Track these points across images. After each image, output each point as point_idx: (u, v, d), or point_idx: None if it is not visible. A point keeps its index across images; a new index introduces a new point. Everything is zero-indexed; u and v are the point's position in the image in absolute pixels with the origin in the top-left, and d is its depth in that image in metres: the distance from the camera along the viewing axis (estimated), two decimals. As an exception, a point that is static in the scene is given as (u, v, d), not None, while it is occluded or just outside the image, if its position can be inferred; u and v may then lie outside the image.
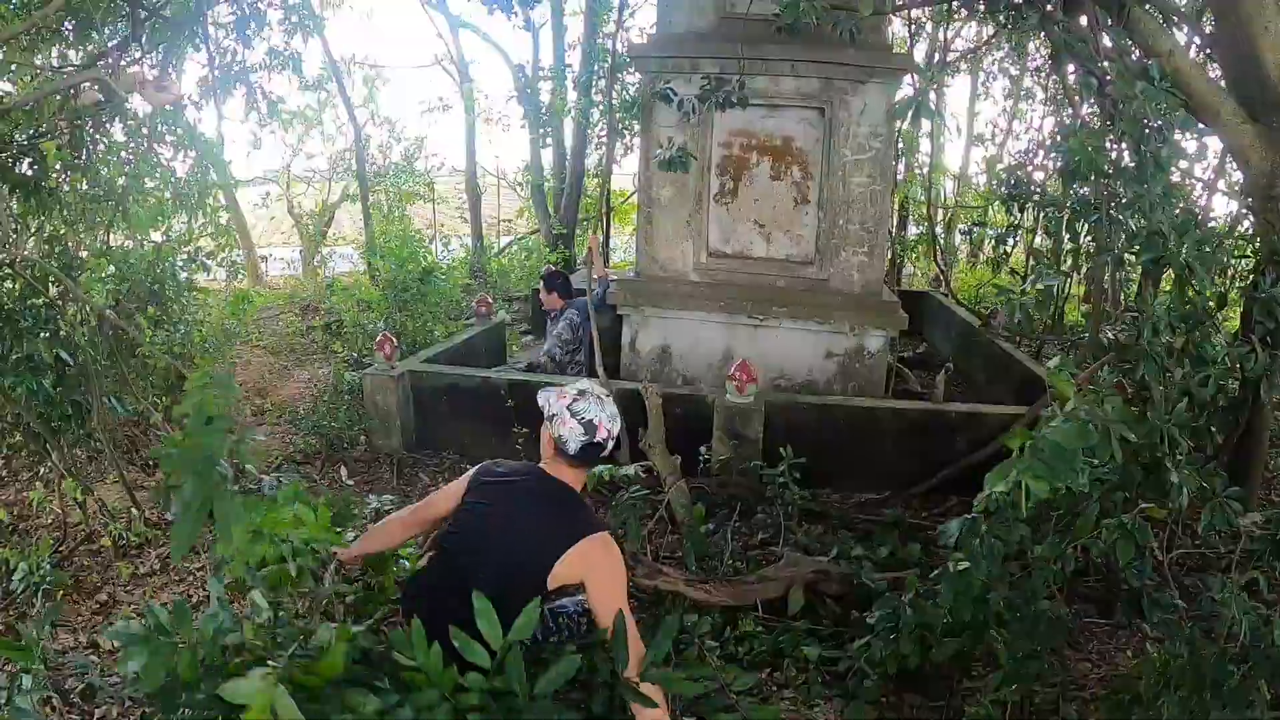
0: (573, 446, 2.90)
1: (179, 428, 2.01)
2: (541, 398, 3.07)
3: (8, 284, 5.51)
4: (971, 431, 5.60)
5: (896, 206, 12.72)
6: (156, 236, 9.01)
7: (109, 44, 9.04)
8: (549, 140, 14.36)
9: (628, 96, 11.00)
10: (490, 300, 9.07)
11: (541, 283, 7.71)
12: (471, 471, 3.20)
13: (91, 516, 5.88)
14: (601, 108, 12.14)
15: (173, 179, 10.60)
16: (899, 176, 12.53)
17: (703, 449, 5.49)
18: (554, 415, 2.95)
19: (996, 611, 3.02)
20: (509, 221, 17.79)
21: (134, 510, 5.79)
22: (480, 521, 2.99)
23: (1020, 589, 3.05)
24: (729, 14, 6.32)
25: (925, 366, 7.97)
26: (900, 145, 11.85)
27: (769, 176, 6.61)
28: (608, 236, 13.68)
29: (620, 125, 11.39)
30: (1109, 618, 4.10)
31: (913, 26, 11.24)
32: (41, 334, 5.36)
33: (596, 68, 11.81)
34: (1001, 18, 5.72)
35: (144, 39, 9.33)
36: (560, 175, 13.84)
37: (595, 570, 2.80)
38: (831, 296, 6.56)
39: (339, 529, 2.95)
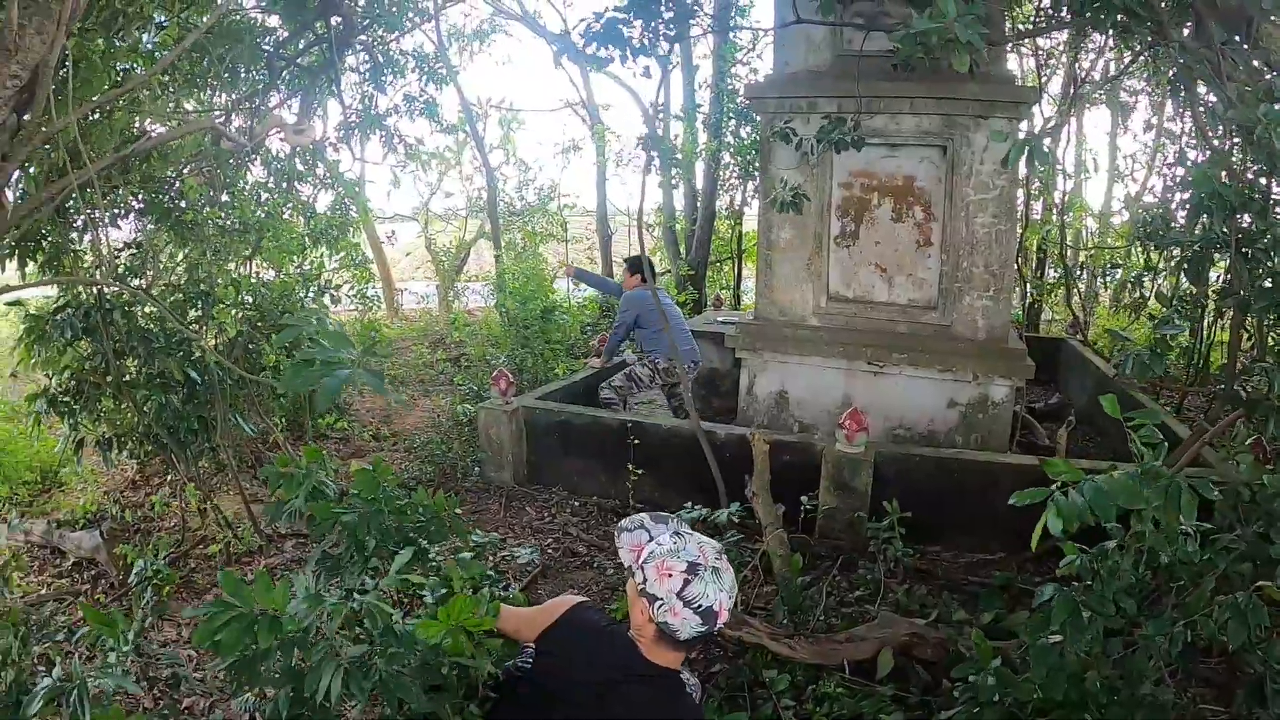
0: (684, 635, 2.26)
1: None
2: (629, 554, 2.42)
3: (148, 307, 5.77)
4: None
5: (1035, 248, 12.18)
6: (293, 269, 9.34)
7: (248, 89, 9.49)
8: (680, 181, 14.38)
9: (756, 137, 10.89)
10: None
11: (626, 265, 7.74)
12: (563, 610, 2.63)
13: (209, 524, 6.30)
14: (732, 149, 12.09)
15: (311, 215, 11.02)
16: (1036, 215, 12.03)
17: (805, 498, 5.27)
18: (658, 600, 2.26)
19: (1094, 692, 2.73)
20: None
21: (248, 521, 6.15)
22: (566, 687, 2.47)
23: (1124, 668, 2.75)
24: (845, 52, 6.16)
25: (1057, 418, 7.52)
26: (1037, 183, 11.38)
27: (890, 218, 6.39)
28: (739, 278, 13.57)
29: (751, 166, 11.31)
30: (1228, 705, 3.69)
31: (1041, 57, 10.82)
32: (176, 354, 5.64)
33: (726, 109, 11.78)
34: (1116, 36, 5.37)
35: (282, 85, 9.76)
36: (691, 216, 13.81)
37: None
38: (954, 343, 6.27)
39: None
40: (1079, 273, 12.84)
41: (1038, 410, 8.10)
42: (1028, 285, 11.97)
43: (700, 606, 2.23)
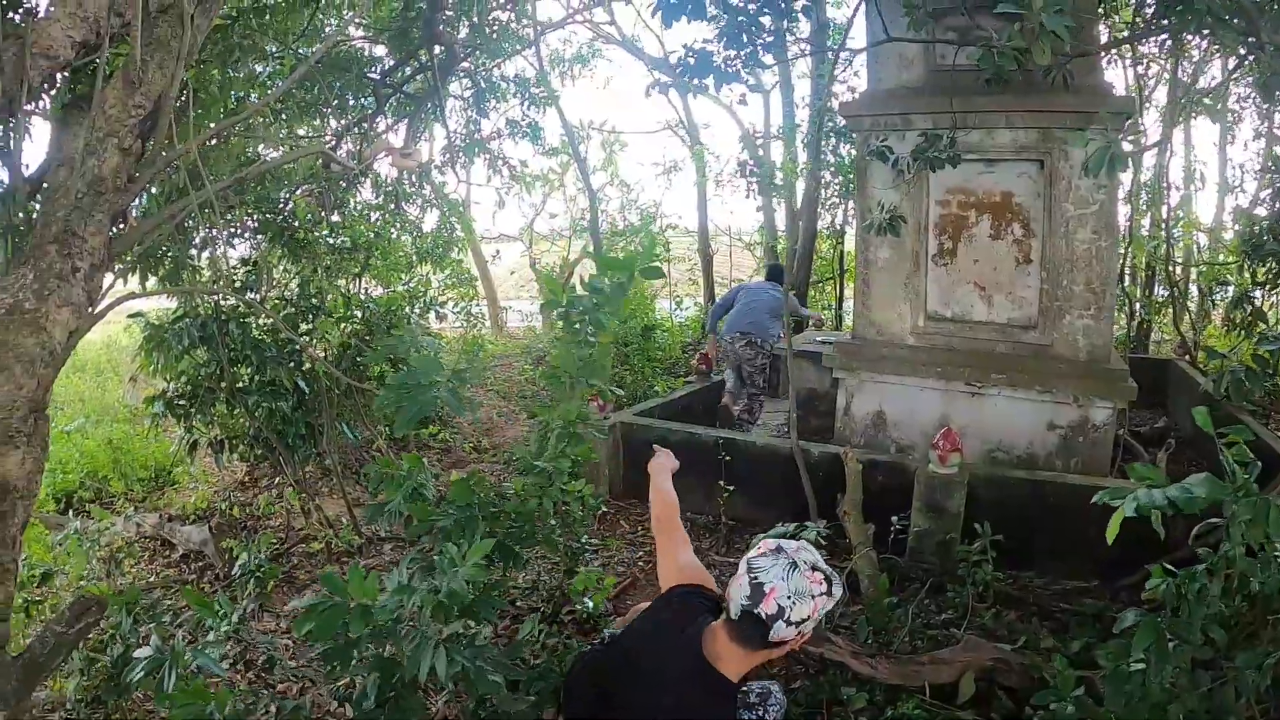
0: (733, 608, 2.31)
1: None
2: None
3: (261, 319, 6.03)
4: (1196, 517, 4.99)
5: (1143, 265, 11.75)
6: (401, 286, 9.62)
7: (356, 115, 9.82)
8: (781, 201, 14.32)
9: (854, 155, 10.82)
10: (711, 358, 9.05)
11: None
12: (665, 588, 2.81)
13: (312, 524, 6.61)
14: (832, 167, 12.00)
15: (417, 234, 11.32)
16: (1144, 231, 11.62)
17: (895, 519, 5.19)
18: (738, 568, 2.38)
19: (1177, 725, 2.62)
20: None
21: (349, 523, 6.42)
22: (635, 656, 2.62)
23: (1211, 702, 2.63)
24: (938, 66, 6.08)
25: (1162, 443, 7.24)
26: (1146, 197, 11.00)
27: (988, 235, 6.25)
28: (840, 298, 13.43)
29: (850, 185, 11.22)
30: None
31: (1142, 66, 10.48)
32: (286, 363, 5.90)
33: (824, 127, 11.71)
34: (1212, 41, 5.16)
35: (389, 112, 10.08)
36: (793, 236, 13.73)
37: None
38: (1054, 363, 6.09)
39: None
40: (1189, 291, 12.31)
41: (1142, 434, 7.81)
42: (1135, 305, 11.56)
43: (755, 579, 2.27)
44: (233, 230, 7.39)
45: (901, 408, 6.65)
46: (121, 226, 3.92)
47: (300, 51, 9.01)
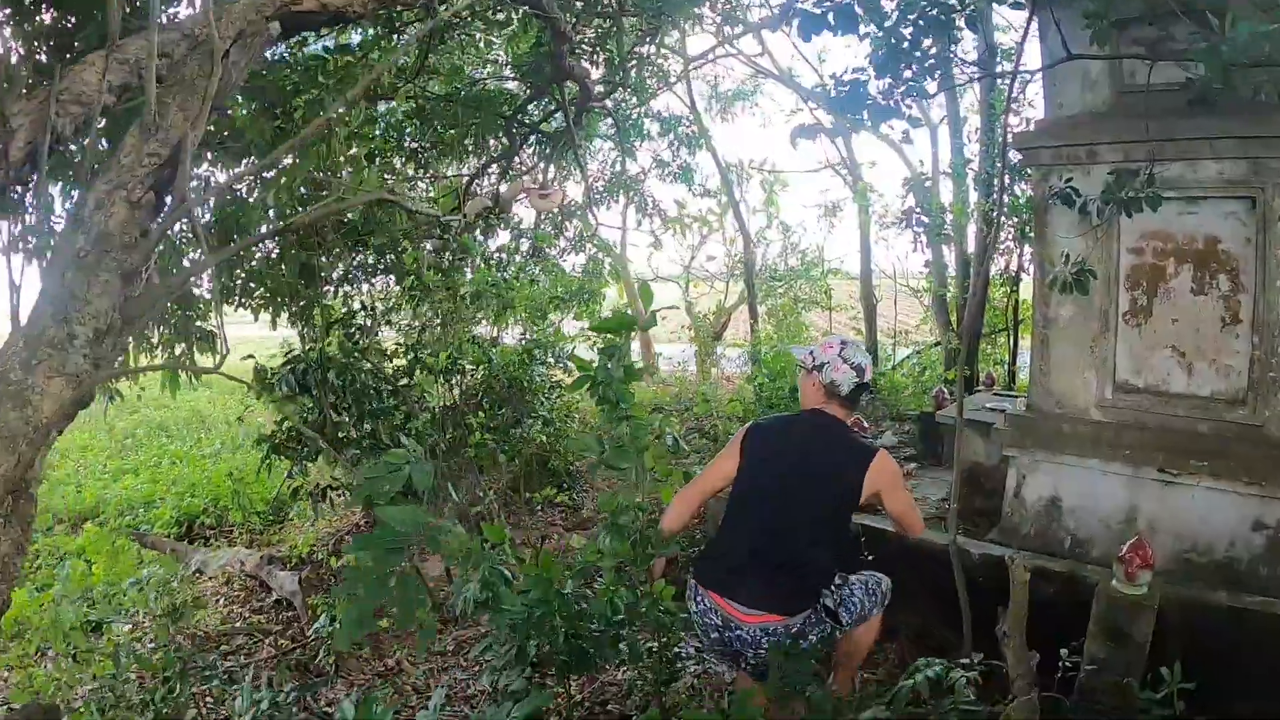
0: (845, 388, 3.52)
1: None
2: (801, 353, 3.73)
3: (366, 362, 6.07)
4: None
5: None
6: (544, 330, 9.34)
7: (495, 154, 9.49)
8: (953, 244, 13.16)
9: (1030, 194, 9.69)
10: (865, 423, 8.16)
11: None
12: (740, 436, 3.68)
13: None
14: (1006, 208, 10.86)
15: (560, 277, 10.89)
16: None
17: (1064, 651, 4.17)
18: (824, 364, 3.53)
19: None
20: (908, 333, 16.58)
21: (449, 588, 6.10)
22: (779, 464, 3.50)
23: None
24: (1128, 87, 5.06)
25: None
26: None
27: (1189, 290, 5.18)
28: (1014, 352, 12.15)
29: (1026, 227, 10.09)
30: None
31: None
32: (391, 416, 5.74)
33: (997, 163, 10.58)
34: None
35: (524, 152, 9.71)
36: (963, 282, 12.54)
37: (891, 480, 3.63)
38: (1266, 449, 4.93)
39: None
40: None
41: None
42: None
43: (854, 363, 3.50)
44: (358, 272, 7.22)
45: (1080, 494, 5.61)
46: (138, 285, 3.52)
47: (428, 89, 8.78)
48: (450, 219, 7.13)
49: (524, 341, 7.90)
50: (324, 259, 6.23)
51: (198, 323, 5.74)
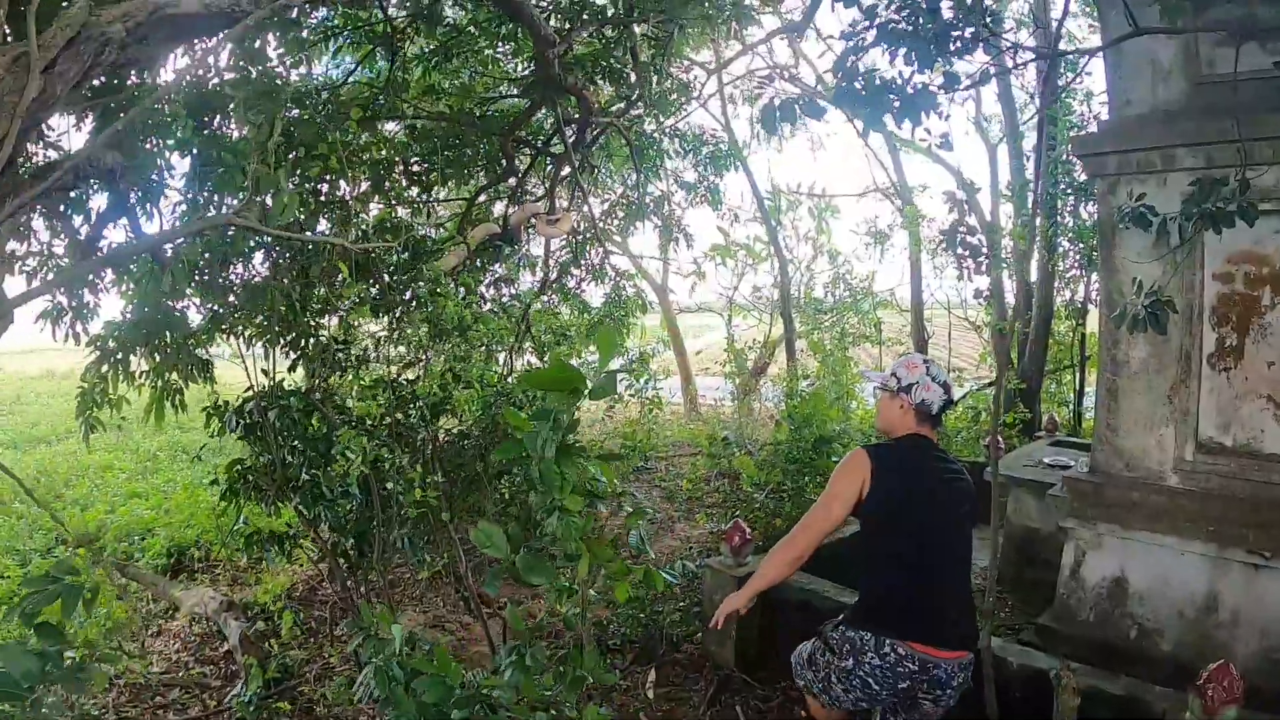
0: (936, 407, 3.36)
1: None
2: (881, 376, 3.50)
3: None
4: None
5: None
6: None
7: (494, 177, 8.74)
8: (1011, 273, 12.00)
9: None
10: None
11: None
12: (860, 469, 3.31)
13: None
14: (1070, 232, 9.76)
15: (582, 308, 10.02)
16: None
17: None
18: (913, 384, 3.35)
19: None
20: (964, 370, 15.20)
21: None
22: (926, 497, 3.28)
23: None
24: (1207, 77, 4.12)
25: None
26: None
27: (1288, 324, 4.18)
28: (1080, 393, 10.96)
29: (1092, 252, 9.00)
30: None
31: None
32: (334, 462, 5.19)
33: (1059, 182, 9.49)
34: None
35: (536, 172, 8.95)
36: (1025, 315, 11.36)
37: None
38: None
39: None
40: None
41: None
42: None
43: (940, 380, 3.38)
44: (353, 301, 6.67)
45: (1151, 576, 4.64)
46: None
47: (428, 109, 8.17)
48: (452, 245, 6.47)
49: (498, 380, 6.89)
50: (317, 289, 5.70)
51: (198, 350, 5.45)
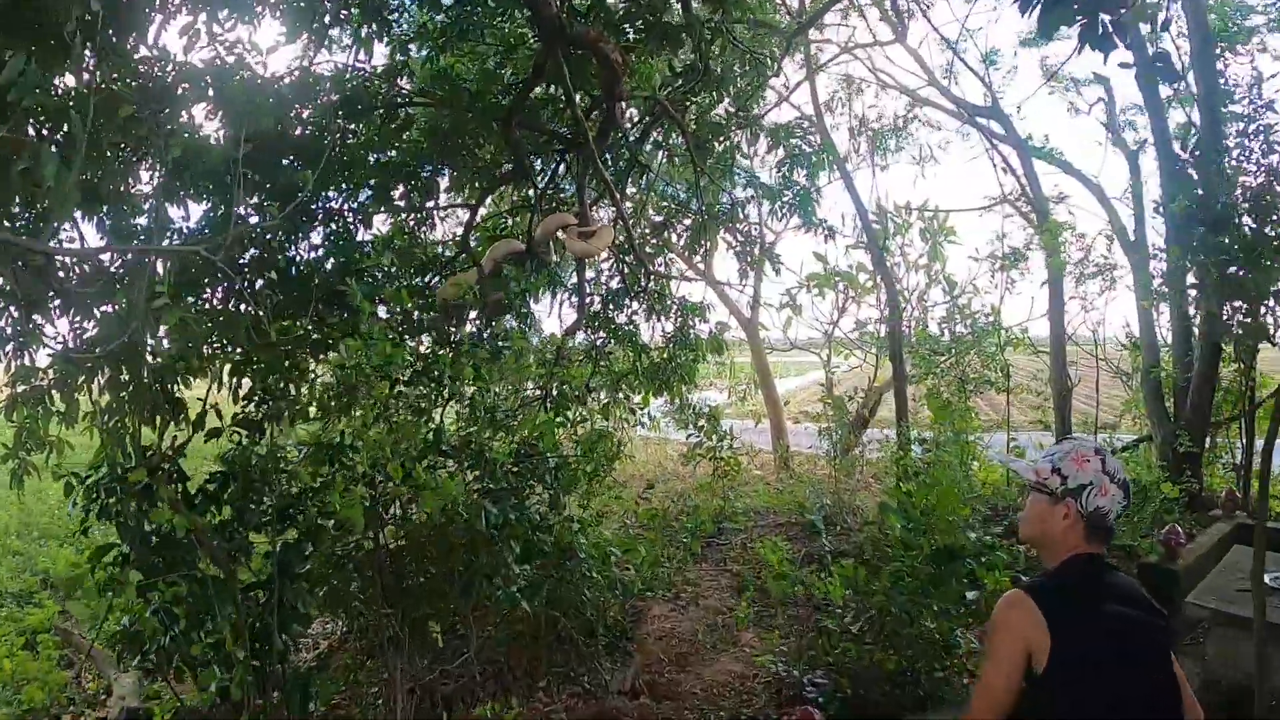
0: (1114, 516, 2.47)
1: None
2: (1034, 470, 2.56)
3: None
4: None
5: None
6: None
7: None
8: (1170, 307, 9.75)
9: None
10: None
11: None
12: (1020, 624, 2.37)
13: None
14: (1240, 253, 7.65)
15: (639, 347, 8.63)
16: None
17: None
18: (1085, 486, 2.44)
19: None
20: (1113, 426, 12.73)
21: None
22: (1121, 660, 2.35)
23: None
24: None
25: None
26: None
27: None
28: (1249, 453, 8.61)
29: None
30: None
31: None
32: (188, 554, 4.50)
33: (1225, 188, 7.41)
34: None
35: (539, 173, 7.74)
36: (1184, 359, 9.13)
37: None
38: None
39: None
40: None
41: None
42: None
43: (1120, 479, 2.46)
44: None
45: None
46: None
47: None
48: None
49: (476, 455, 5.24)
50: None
51: (170, 388, 4.89)
